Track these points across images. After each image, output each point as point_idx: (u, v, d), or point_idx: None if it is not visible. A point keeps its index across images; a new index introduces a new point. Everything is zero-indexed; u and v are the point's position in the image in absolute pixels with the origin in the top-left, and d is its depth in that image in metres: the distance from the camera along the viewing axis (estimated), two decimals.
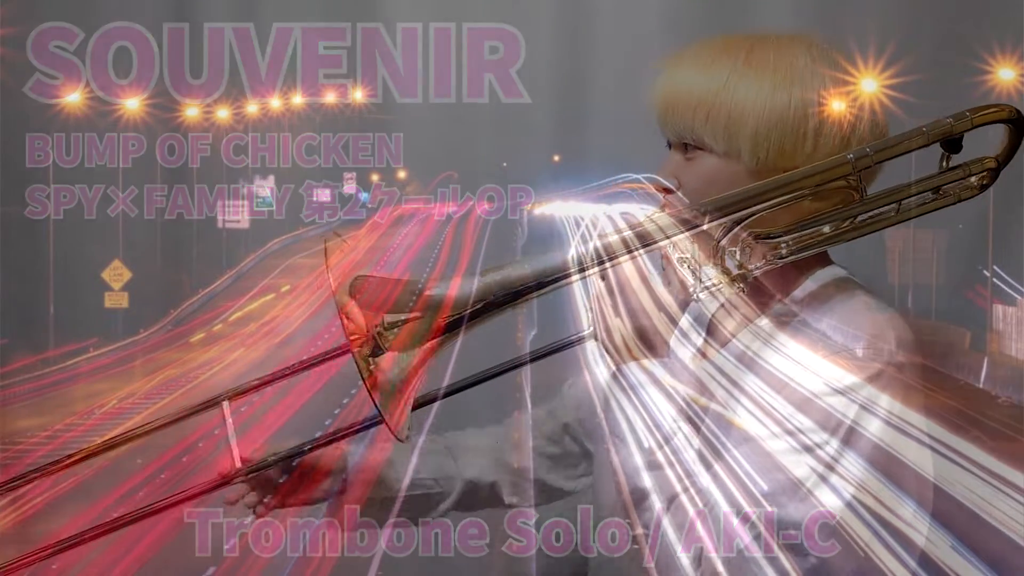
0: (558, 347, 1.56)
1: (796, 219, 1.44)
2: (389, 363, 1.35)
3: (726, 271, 1.37)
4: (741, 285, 1.37)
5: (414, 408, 1.57)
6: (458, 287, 1.41)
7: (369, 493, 1.71)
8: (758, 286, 1.41)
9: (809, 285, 1.45)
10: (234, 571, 6.74)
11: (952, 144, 1.43)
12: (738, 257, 1.38)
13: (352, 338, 1.33)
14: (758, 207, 1.37)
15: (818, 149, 1.44)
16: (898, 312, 1.44)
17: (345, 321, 1.34)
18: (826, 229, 1.43)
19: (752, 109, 1.46)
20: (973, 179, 1.44)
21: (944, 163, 1.43)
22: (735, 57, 1.47)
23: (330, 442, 1.55)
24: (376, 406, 1.31)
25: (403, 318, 1.40)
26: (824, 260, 1.47)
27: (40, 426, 9.59)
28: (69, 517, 6.52)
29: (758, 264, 1.39)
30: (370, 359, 1.37)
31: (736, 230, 1.37)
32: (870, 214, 1.43)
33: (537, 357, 1.57)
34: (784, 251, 1.42)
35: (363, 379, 1.33)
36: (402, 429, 1.37)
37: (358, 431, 1.51)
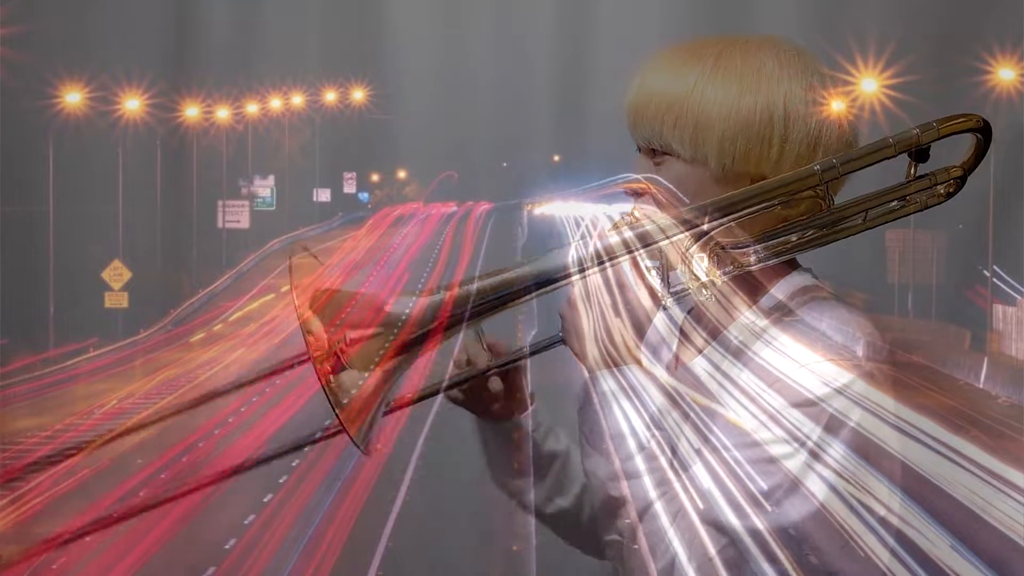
0: (536, 349, 1.57)
1: (764, 227, 1.42)
2: (350, 379, 1.34)
3: (693, 278, 1.38)
4: (709, 292, 1.38)
5: (414, 402, 1.57)
6: (422, 305, 1.38)
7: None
8: (728, 292, 1.42)
9: (777, 291, 1.46)
10: (234, 571, 6.76)
11: (920, 153, 1.43)
12: (705, 264, 1.38)
13: (315, 354, 1.33)
14: (724, 219, 1.37)
15: (784, 155, 1.44)
16: (864, 314, 1.46)
17: (308, 337, 1.33)
18: (794, 237, 1.44)
19: (719, 115, 1.43)
20: (940, 187, 1.45)
21: (911, 171, 1.43)
22: (703, 62, 1.46)
23: (292, 450, 1.55)
24: (340, 422, 1.31)
25: (365, 334, 1.36)
26: (791, 265, 1.49)
27: (40, 426, 9.59)
28: (69, 517, 6.52)
29: (726, 270, 1.39)
30: (331, 376, 1.34)
31: (704, 238, 1.38)
32: (838, 222, 1.44)
33: (517, 359, 1.57)
34: (752, 258, 1.42)
35: (326, 394, 1.33)
36: (369, 442, 1.38)
37: (319, 440, 1.52)
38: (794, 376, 1.35)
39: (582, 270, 1.37)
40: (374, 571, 6.31)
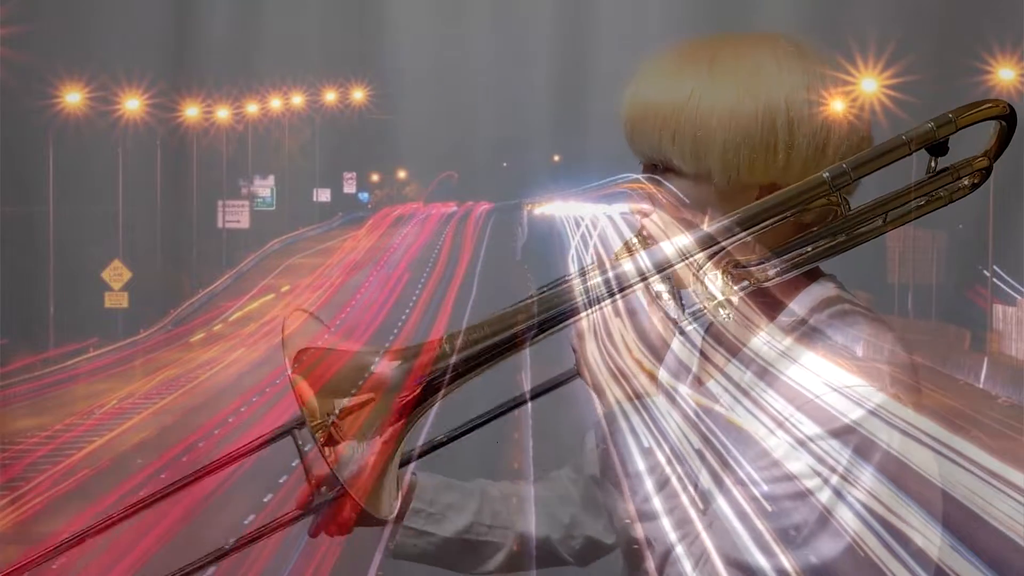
0: (551, 385, 1.50)
1: (778, 238, 1.35)
2: (348, 452, 1.27)
3: (709, 298, 1.31)
4: (727, 312, 1.31)
5: (409, 461, 1.52)
6: (407, 368, 1.29)
7: (410, 525, 1.61)
8: (745, 308, 1.35)
9: (797, 305, 1.38)
10: (234, 571, 6.74)
11: (937, 147, 1.34)
12: (720, 282, 1.32)
13: (312, 424, 1.26)
14: (735, 237, 1.30)
15: (792, 161, 1.36)
16: (888, 326, 1.39)
17: (305, 412, 1.26)
18: (809, 248, 1.35)
19: (719, 124, 1.35)
20: (964, 180, 1.36)
21: (932, 166, 1.35)
22: (699, 67, 1.38)
23: (297, 519, 1.47)
24: (347, 489, 1.24)
25: (356, 403, 1.28)
26: (812, 276, 1.41)
27: (40, 426, 9.57)
28: (69, 517, 6.51)
29: (743, 286, 1.32)
30: (326, 448, 1.26)
31: (717, 257, 1.30)
32: (857, 227, 1.35)
33: (531, 397, 1.51)
34: (770, 272, 1.34)
35: (328, 466, 1.26)
36: (384, 508, 1.31)
37: (324, 505, 1.43)
38: (815, 397, 1.28)
39: (588, 306, 1.30)
40: (374, 571, 6.29)
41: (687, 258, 1.29)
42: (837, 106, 1.37)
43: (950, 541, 1.31)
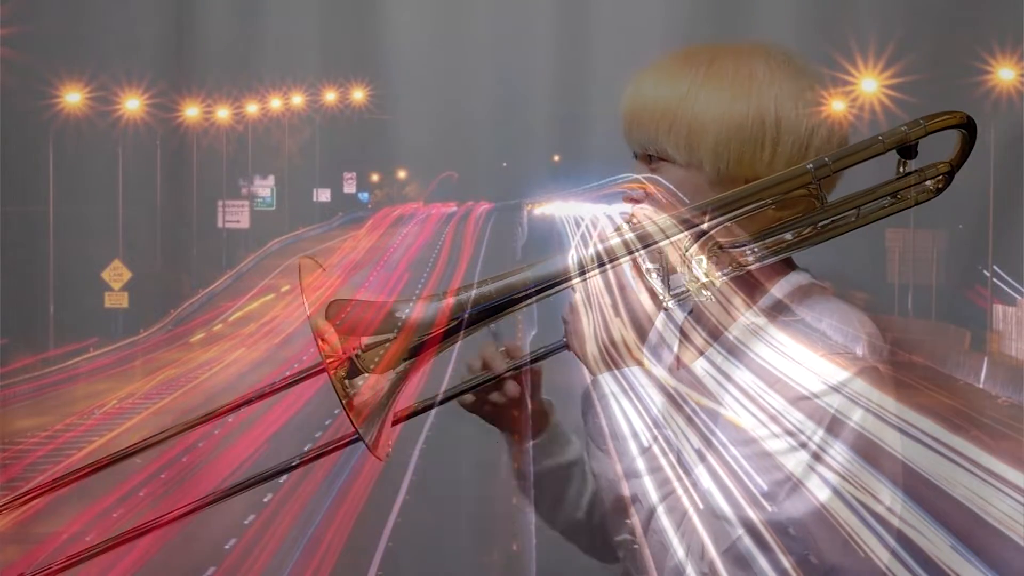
0: (541, 355, 1.57)
1: (760, 227, 1.46)
2: (367, 385, 1.36)
3: (693, 279, 1.39)
4: (708, 293, 1.39)
5: (412, 415, 1.58)
6: (431, 309, 1.41)
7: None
8: (727, 292, 1.44)
9: (777, 290, 1.47)
10: (234, 571, 6.74)
11: (908, 151, 1.45)
12: (705, 265, 1.39)
13: (328, 360, 1.34)
14: (722, 218, 1.38)
15: (776, 157, 1.48)
16: (863, 311, 1.47)
17: (320, 343, 1.35)
18: (789, 236, 1.45)
19: (711, 120, 1.47)
20: (929, 183, 1.45)
21: (901, 169, 1.46)
22: (695, 70, 1.50)
23: (314, 459, 1.59)
24: (354, 426, 1.33)
25: (379, 340, 1.39)
26: (789, 266, 1.49)
27: (40, 426, 9.56)
28: (69, 517, 6.52)
29: (726, 271, 1.39)
30: (346, 381, 1.37)
31: (702, 240, 1.39)
32: (831, 220, 1.45)
33: (521, 365, 1.57)
34: (750, 258, 1.44)
35: (340, 400, 1.35)
36: (382, 448, 1.39)
37: (337, 449, 1.54)
38: (794, 374, 1.36)
39: (584, 273, 1.38)
40: (374, 571, 6.30)
41: (675, 235, 1.40)
42: (821, 113, 1.46)
43: (950, 541, 1.32)
